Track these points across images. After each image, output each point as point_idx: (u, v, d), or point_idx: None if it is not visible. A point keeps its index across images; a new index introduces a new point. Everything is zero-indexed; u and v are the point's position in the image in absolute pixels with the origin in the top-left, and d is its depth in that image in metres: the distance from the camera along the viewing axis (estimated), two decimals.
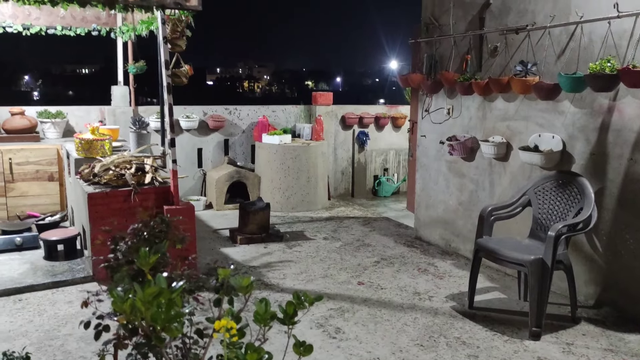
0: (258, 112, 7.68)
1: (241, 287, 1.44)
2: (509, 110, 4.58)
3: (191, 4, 4.40)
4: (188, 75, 4.84)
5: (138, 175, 4.46)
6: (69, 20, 6.13)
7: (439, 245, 5.48)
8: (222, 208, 6.90)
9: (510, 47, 4.50)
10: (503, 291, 4.32)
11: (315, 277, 4.58)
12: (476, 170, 4.97)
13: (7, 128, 6.01)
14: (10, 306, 3.88)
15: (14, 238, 4.93)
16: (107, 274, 1.86)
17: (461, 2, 4.99)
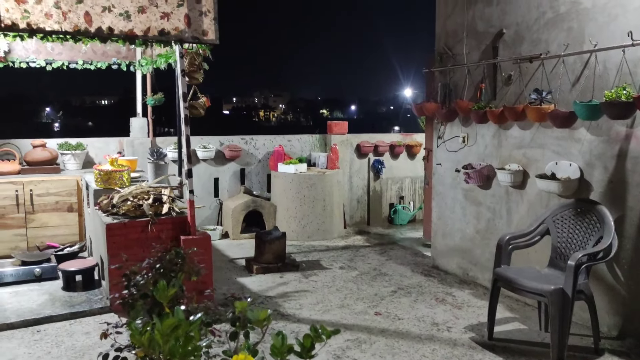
0: (274, 141, 7.74)
1: (258, 321, 1.44)
2: (525, 138, 4.57)
3: (208, 37, 4.50)
4: (205, 107, 4.92)
5: (155, 205, 4.51)
6: (90, 55, 6.30)
7: (456, 274, 5.42)
8: (239, 237, 6.91)
9: (524, 76, 4.51)
10: (523, 322, 4.24)
11: (332, 307, 4.54)
12: (493, 198, 4.94)
13: (28, 160, 6.13)
14: (28, 337, 3.90)
15: (34, 269, 4.98)
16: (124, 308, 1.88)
17: (474, 32, 5.04)
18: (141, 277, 2.02)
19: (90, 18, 4.07)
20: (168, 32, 4.33)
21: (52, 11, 3.95)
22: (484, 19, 4.93)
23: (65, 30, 4.01)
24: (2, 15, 3.81)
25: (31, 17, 3.89)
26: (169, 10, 4.32)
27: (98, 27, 4.10)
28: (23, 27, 3.88)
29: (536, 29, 4.41)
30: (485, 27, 4.92)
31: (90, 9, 4.06)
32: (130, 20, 4.20)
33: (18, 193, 5.69)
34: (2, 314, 4.19)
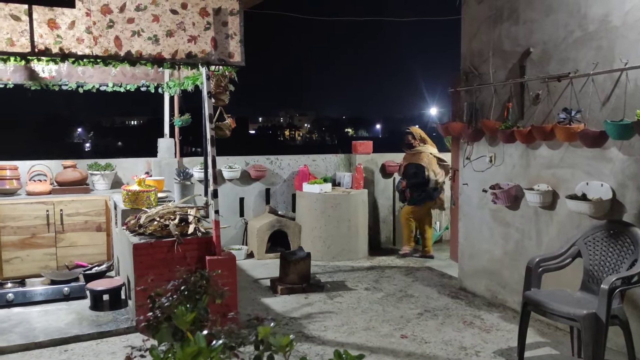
0: (299, 161, 7.77)
1: (280, 347, 1.42)
2: (554, 157, 4.48)
3: (234, 59, 4.57)
4: (231, 128, 4.97)
5: (182, 225, 4.54)
6: (119, 77, 6.44)
7: (484, 296, 5.31)
8: (263, 257, 6.91)
9: (552, 95, 4.44)
10: (555, 347, 4.12)
11: (357, 330, 4.49)
12: (521, 219, 4.84)
13: (59, 180, 6.26)
14: (56, 357, 3.95)
15: (62, 288, 5.06)
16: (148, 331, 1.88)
17: (500, 51, 5.00)
18: (166, 299, 2.01)
19: (120, 42, 4.17)
20: (195, 54, 4.40)
21: (83, 36, 4.06)
22: (511, 37, 4.89)
23: (96, 54, 4.12)
24: (36, 40, 3.93)
25: (63, 42, 4.01)
26: (196, 34, 4.40)
27: (127, 50, 4.20)
28: (56, 51, 3.99)
29: (564, 48, 4.36)
30: (511, 45, 4.88)
31: (120, 34, 4.16)
32: (159, 44, 4.29)
33: (49, 213, 5.81)
34: (31, 333, 4.25)
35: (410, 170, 7.03)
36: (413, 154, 7.12)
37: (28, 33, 3.90)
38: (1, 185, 5.93)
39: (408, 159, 7.19)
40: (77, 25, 4.04)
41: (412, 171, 7.01)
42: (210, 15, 4.45)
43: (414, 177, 6.97)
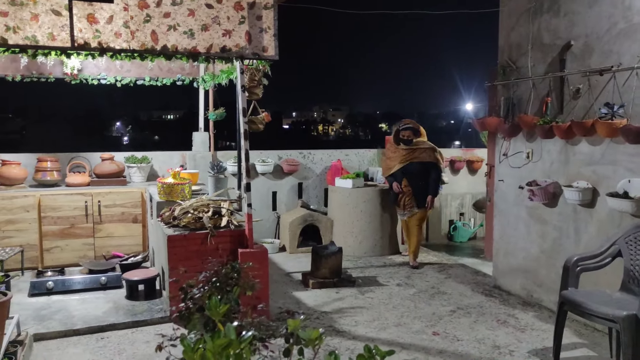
0: (331, 156, 7.75)
1: (310, 340, 1.42)
2: (594, 154, 4.35)
3: (268, 53, 4.58)
4: (264, 122, 4.99)
5: (215, 218, 4.59)
6: (156, 72, 6.55)
7: (519, 295, 5.20)
8: (295, 251, 6.94)
9: (593, 89, 4.31)
10: (592, 348, 4.00)
11: (388, 325, 4.46)
12: (559, 217, 4.72)
13: (97, 173, 6.41)
14: (93, 344, 4.04)
15: (100, 277, 5.18)
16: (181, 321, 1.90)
17: (540, 44, 4.87)
18: (197, 291, 2.04)
19: (157, 37, 4.23)
20: (229, 48, 4.43)
21: (121, 30, 4.13)
22: (551, 30, 4.75)
23: (133, 49, 4.19)
24: (76, 35, 4.02)
25: (102, 36, 4.09)
26: (231, 28, 4.43)
27: (164, 45, 4.25)
28: (94, 46, 4.08)
29: (607, 40, 4.21)
30: (551, 39, 4.75)
31: (156, 28, 4.22)
32: (194, 38, 4.33)
33: (87, 204, 5.96)
34: (70, 320, 4.37)
35: (413, 169, 6.27)
36: (413, 150, 6.31)
37: (68, 28, 3.99)
38: (42, 177, 6.11)
39: (405, 156, 6.32)
40: (115, 19, 4.11)
41: (415, 170, 6.27)
42: (244, 9, 4.47)
43: (421, 178, 6.27)
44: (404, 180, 6.34)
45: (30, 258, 5.77)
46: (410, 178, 6.31)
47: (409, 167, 6.30)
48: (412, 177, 6.30)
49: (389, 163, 6.49)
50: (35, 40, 3.93)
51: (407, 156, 6.31)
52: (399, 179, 6.36)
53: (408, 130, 6.32)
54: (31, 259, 5.79)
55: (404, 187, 6.34)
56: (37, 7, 3.92)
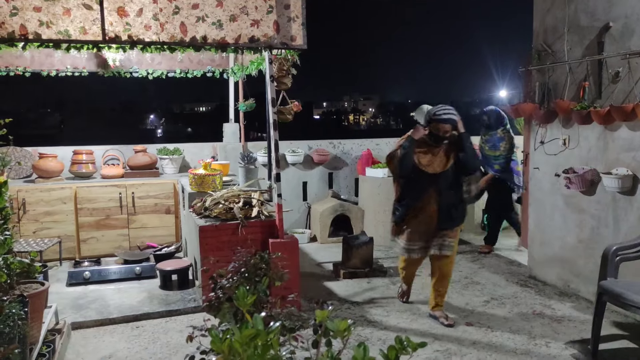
0: (362, 145, 7.70)
1: (338, 331, 1.39)
2: (635, 140, 4.19)
3: (297, 43, 4.54)
4: (293, 112, 4.97)
5: (245, 209, 4.61)
6: (186, 64, 6.60)
7: (556, 285, 5.08)
8: (326, 241, 6.93)
9: (634, 72, 4.14)
10: (633, 340, 3.88)
11: (420, 316, 4.41)
12: (597, 205, 4.57)
13: (131, 165, 6.52)
14: (128, 332, 4.12)
15: (134, 267, 5.28)
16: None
17: (576, 26, 4.71)
18: (227, 281, 2.04)
19: (186, 28, 4.25)
20: (258, 39, 4.42)
21: (150, 23, 4.16)
22: (588, 12, 4.59)
23: (162, 41, 4.22)
24: (107, 28, 4.06)
25: (132, 29, 4.12)
26: (259, 18, 4.41)
27: (193, 36, 4.27)
28: (125, 39, 4.12)
29: None
30: (589, 20, 4.58)
31: (185, 20, 4.23)
32: (223, 29, 4.33)
33: (121, 195, 6.06)
34: (106, 310, 4.47)
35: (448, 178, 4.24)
36: (447, 150, 4.22)
37: (99, 21, 4.04)
38: (78, 169, 6.25)
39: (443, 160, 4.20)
40: (144, 12, 4.14)
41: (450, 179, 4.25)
42: None
43: (458, 185, 4.30)
44: (430, 192, 4.24)
45: (67, 249, 5.91)
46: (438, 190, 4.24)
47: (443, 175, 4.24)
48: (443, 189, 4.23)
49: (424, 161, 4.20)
50: (67, 35, 3.99)
51: (446, 160, 4.23)
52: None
53: (448, 122, 4.07)
54: (69, 249, 5.93)
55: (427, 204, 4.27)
56: (69, 2, 3.97)
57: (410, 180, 4.22)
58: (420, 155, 4.16)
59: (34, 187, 5.87)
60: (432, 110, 4.16)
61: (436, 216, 4.19)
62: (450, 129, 4.10)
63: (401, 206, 4.31)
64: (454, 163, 4.18)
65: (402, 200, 4.31)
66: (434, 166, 4.16)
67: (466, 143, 4.18)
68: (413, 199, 4.23)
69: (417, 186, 4.21)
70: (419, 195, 4.20)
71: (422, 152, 4.17)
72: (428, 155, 4.17)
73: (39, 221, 5.85)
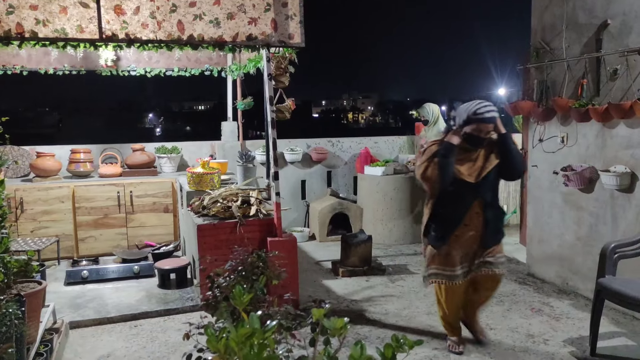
0: (360, 143, 7.69)
1: (335, 330, 1.39)
2: (633, 137, 4.18)
3: (294, 41, 4.53)
4: (290, 110, 4.96)
5: (244, 207, 4.60)
6: (184, 62, 6.58)
7: (554, 283, 5.08)
8: (325, 239, 6.92)
9: (632, 70, 4.13)
10: (631, 337, 3.88)
11: (418, 314, 4.41)
12: (596, 203, 4.57)
13: (129, 163, 6.51)
14: (126, 331, 4.12)
15: (133, 266, 5.27)
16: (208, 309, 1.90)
17: (574, 24, 4.70)
18: (224, 280, 2.03)
19: (183, 26, 4.24)
20: (255, 37, 4.41)
21: (148, 21, 4.15)
22: (586, 9, 4.58)
23: (160, 39, 4.21)
24: (104, 27, 4.05)
25: (129, 27, 4.11)
26: (257, 16, 4.40)
27: (190, 34, 4.26)
28: (122, 37, 4.11)
29: None
30: (587, 18, 4.57)
31: (182, 18, 4.22)
32: (220, 27, 4.32)
33: (119, 194, 6.05)
34: (104, 309, 4.46)
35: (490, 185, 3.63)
36: (488, 154, 3.57)
37: (96, 20, 4.03)
38: (76, 168, 6.23)
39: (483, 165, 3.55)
40: (141, 10, 4.13)
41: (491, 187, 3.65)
42: None
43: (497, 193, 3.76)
44: (474, 205, 3.58)
45: (65, 248, 5.90)
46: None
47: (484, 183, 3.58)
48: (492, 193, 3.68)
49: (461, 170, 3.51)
50: (64, 33, 3.98)
51: (487, 166, 3.56)
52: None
53: (492, 122, 3.45)
54: (67, 248, 5.92)
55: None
56: (65, 0, 3.96)
57: (447, 193, 3.53)
58: (458, 163, 3.48)
59: (32, 186, 5.86)
60: (470, 107, 3.44)
61: (482, 231, 3.60)
62: (492, 129, 3.48)
63: (440, 225, 3.60)
64: (496, 168, 3.55)
65: (440, 217, 3.61)
66: (475, 174, 3.50)
67: (511, 144, 3.55)
68: (456, 214, 3.56)
69: (458, 199, 3.54)
70: (463, 209, 3.55)
71: (459, 159, 3.48)
72: (467, 162, 3.50)
73: (37, 220, 5.84)
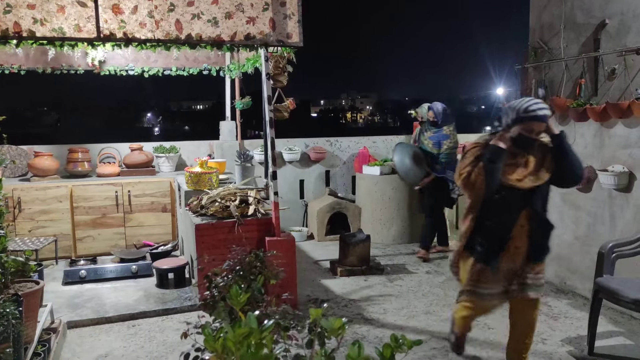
0: (359, 143, 7.69)
1: (332, 330, 1.39)
2: (631, 136, 4.19)
3: (293, 40, 4.53)
4: (289, 110, 4.95)
5: (242, 207, 4.60)
6: (182, 62, 6.57)
7: (552, 282, 5.08)
8: (323, 239, 6.92)
9: (630, 69, 4.14)
10: (629, 337, 3.88)
11: (417, 313, 4.41)
12: (594, 202, 4.57)
13: (127, 163, 6.50)
14: (124, 331, 4.11)
15: (131, 266, 5.26)
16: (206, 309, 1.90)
17: (573, 23, 4.70)
18: (221, 279, 2.03)
19: (181, 26, 4.23)
20: (253, 36, 4.40)
21: (145, 20, 4.14)
22: (584, 9, 4.58)
23: (157, 38, 4.20)
24: (102, 26, 4.05)
25: (127, 26, 4.10)
26: (255, 15, 4.40)
27: (188, 34, 4.25)
28: (120, 36, 4.10)
29: None
30: (585, 17, 4.58)
31: (180, 17, 4.22)
32: (218, 26, 4.31)
33: (117, 194, 6.04)
34: (102, 308, 4.45)
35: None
36: (543, 157, 3.18)
37: (94, 19, 4.02)
38: (74, 168, 6.22)
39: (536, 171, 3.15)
40: (139, 9, 4.12)
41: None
42: None
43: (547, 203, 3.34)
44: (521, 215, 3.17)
45: (63, 247, 5.89)
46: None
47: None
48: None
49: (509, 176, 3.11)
50: (62, 32, 3.97)
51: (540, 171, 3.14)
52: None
53: (545, 120, 3.04)
54: (65, 248, 5.91)
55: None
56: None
57: (493, 202, 3.11)
58: (506, 168, 3.07)
59: (30, 185, 5.85)
60: (519, 105, 3.03)
61: (527, 246, 3.16)
62: (544, 129, 3.06)
63: (488, 239, 3.15)
64: (551, 173, 3.12)
65: (487, 230, 3.17)
66: (529, 180, 3.08)
67: (568, 145, 3.12)
68: (503, 226, 3.13)
69: (505, 209, 3.11)
70: (511, 220, 3.12)
71: (506, 164, 3.07)
72: (515, 167, 3.09)
73: (35, 220, 5.83)
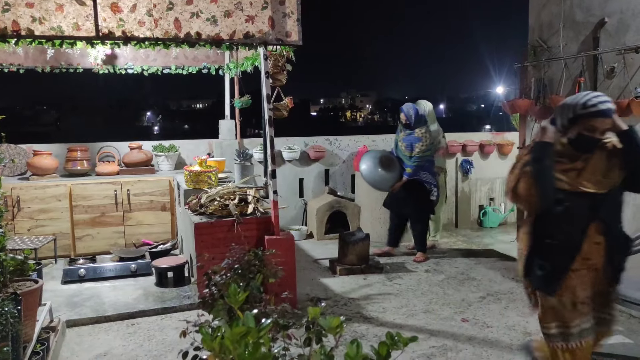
0: (358, 141, 7.68)
1: (330, 328, 1.39)
2: None
3: (292, 39, 4.52)
4: (287, 108, 4.95)
5: (241, 205, 4.59)
6: (181, 60, 6.56)
7: None
8: (323, 238, 6.92)
9: (629, 68, 4.14)
10: (628, 335, 3.89)
11: (416, 312, 4.41)
12: None
13: (126, 162, 6.49)
14: (124, 330, 4.11)
15: (130, 265, 5.26)
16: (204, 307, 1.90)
17: (572, 22, 4.70)
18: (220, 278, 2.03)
19: (180, 24, 4.22)
20: (253, 34, 4.40)
21: (144, 19, 4.13)
22: (583, 7, 4.58)
23: (156, 37, 4.19)
24: (100, 24, 4.04)
25: (126, 25, 4.10)
26: (254, 13, 4.39)
27: (187, 32, 4.24)
28: (118, 35, 4.09)
29: None
30: (584, 16, 4.58)
31: (179, 15, 4.21)
32: (217, 25, 4.31)
33: (117, 193, 6.04)
34: (101, 307, 4.45)
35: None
36: (610, 159, 2.68)
37: (92, 17, 4.01)
38: (73, 167, 6.22)
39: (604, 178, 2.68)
40: (138, 8, 4.11)
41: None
42: None
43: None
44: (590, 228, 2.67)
45: (62, 246, 5.89)
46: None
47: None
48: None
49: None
50: (60, 31, 3.96)
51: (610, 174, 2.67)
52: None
53: (610, 115, 2.52)
54: (64, 247, 5.91)
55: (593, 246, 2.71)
56: None
57: (554, 214, 2.61)
58: (567, 174, 2.59)
59: (29, 184, 5.85)
60: (577, 100, 2.52)
61: (603, 264, 2.69)
62: (610, 126, 2.53)
63: (549, 259, 2.66)
64: (622, 177, 2.64)
65: (548, 248, 2.66)
66: (593, 186, 2.60)
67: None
68: (569, 242, 2.62)
69: (569, 221, 2.61)
70: (578, 235, 2.61)
71: (563, 169, 2.59)
72: (576, 171, 2.59)
73: (34, 219, 5.83)
